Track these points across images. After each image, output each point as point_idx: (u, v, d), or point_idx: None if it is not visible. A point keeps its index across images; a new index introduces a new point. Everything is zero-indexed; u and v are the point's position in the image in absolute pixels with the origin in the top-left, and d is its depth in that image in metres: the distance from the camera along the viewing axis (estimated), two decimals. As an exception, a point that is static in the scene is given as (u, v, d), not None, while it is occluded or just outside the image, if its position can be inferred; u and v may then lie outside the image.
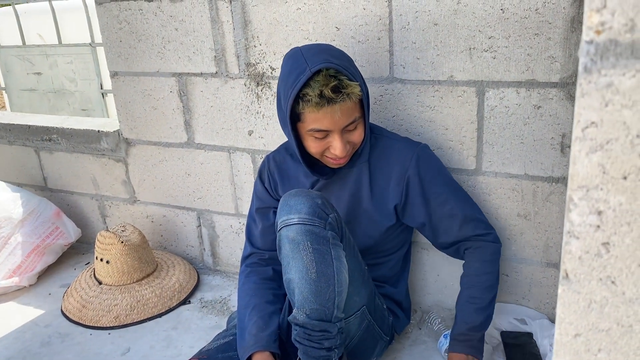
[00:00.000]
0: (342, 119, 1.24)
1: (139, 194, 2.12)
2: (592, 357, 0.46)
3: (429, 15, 1.43)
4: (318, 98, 1.20)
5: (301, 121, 1.26)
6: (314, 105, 1.21)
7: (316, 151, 1.31)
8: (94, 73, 3.15)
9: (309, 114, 1.23)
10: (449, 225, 1.40)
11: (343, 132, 1.27)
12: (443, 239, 1.43)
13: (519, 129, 1.44)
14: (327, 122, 1.24)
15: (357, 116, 1.28)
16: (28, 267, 2.04)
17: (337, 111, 1.22)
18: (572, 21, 1.30)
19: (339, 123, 1.24)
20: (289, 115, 1.25)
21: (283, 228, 1.21)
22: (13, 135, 2.29)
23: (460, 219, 1.39)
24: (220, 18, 1.70)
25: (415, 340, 1.62)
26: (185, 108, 1.88)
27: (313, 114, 1.23)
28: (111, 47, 1.92)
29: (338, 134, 1.26)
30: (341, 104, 1.22)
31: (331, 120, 1.23)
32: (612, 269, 0.43)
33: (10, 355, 1.67)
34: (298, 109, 1.24)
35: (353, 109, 1.26)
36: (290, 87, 1.23)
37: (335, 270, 1.19)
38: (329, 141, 1.28)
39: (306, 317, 1.18)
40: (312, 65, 1.21)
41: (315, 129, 1.25)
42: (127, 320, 1.79)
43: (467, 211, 1.40)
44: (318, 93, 1.19)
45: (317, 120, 1.24)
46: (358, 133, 1.31)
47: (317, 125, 1.25)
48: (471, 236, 1.40)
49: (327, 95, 1.20)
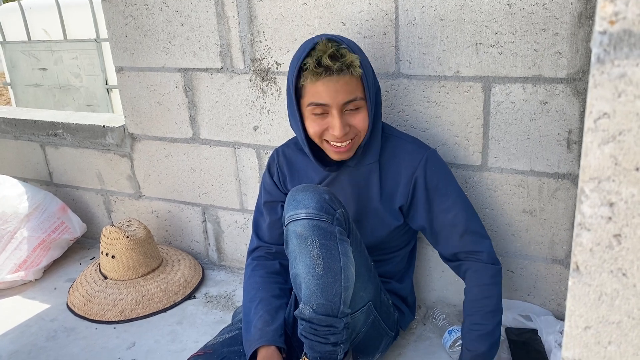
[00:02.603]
0: (342, 94, 1.23)
1: (144, 189, 2.12)
2: (602, 350, 0.46)
3: (435, 10, 1.42)
4: (316, 64, 1.20)
5: (302, 96, 1.27)
6: (312, 73, 1.21)
7: (315, 132, 1.29)
8: (99, 68, 3.16)
9: (309, 85, 1.24)
10: (449, 234, 1.37)
11: (343, 112, 1.26)
12: (444, 247, 1.40)
13: (525, 124, 1.43)
14: (325, 95, 1.23)
15: (359, 96, 1.26)
16: (34, 262, 2.05)
17: (337, 83, 1.22)
18: (580, 16, 1.29)
19: (338, 98, 1.23)
20: (294, 92, 1.27)
21: (290, 223, 1.21)
22: (19, 131, 2.30)
23: (462, 230, 1.36)
24: (225, 13, 1.70)
25: (420, 336, 1.62)
26: (190, 103, 1.88)
27: (313, 86, 1.23)
28: (117, 42, 1.93)
29: (337, 111, 1.25)
30: (340, 76, 1.22)
31: (330, 93, 1.22)
32: (623, 261, 0.42)
33: (16, 349, 1.68)
34: (300, 83, 1.25)
35: (353, 86, 1.24)
36: (295, 61, 1.26)
37: (342, 265, 1.19)
38: (328, 121, 1.27)
39: (312, 311, 1.18)
40: (318, 38, 1.25)
41: (313, 102, 1.25)
42: (132, 315, 1.80)
43: (469, 223, 1.37)
44: (316, 59, 1.20)
45: (316, 92, 1.24)
46: (360, 117, 1.28)
47: (316, 99, 1.24)
48: (471, 251, 1.37)
49: (325, 63, 1.20)
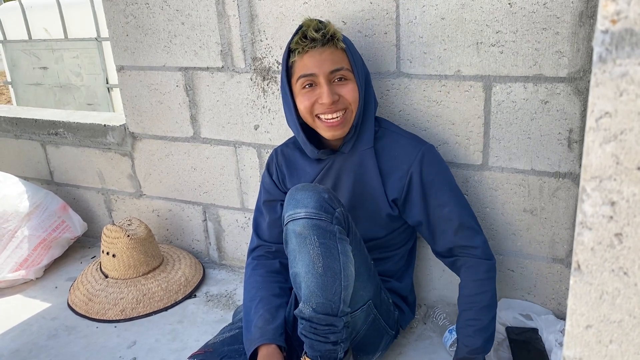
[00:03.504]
0: (328, 63, 1.29)
1: (144, 188, 2.12)
2: (603, 349, 0.46)
3: (436, 9, 1.42)
4: (302, 38, 1.28)
5: (293, 76, 1.33)
6: (298, 46, 1.29)
7: (305, 106, 1.32)
8: (99, 67, 3.16)
9: (298, 62, 1.31)
10: (445, 229, 1.38)
11: (331, 83, 1.31)
12: (440, 243, 1.41)
13: (526, 124, 1.43)
14: (312, 65, 1.29)
15: (344, 67, 1.31)
16: (35, 261, 2.05)
17: (322, 54, 1.28)
18: (581, 15, 1.29)
19: (324, 67, 1.28)
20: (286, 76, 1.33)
21: (290, 222, 1.21)
22: (19, 129, 2.30)
23: (457, 225, 1.37)
24: (226, 12, 1.70)
25: (421, 335, 1.62)
26: (191, 102, 1.88)
27: (301, 61, 1.30)
28: (117, 41, 1.93)
29: (324, 79, 1.29)
30: (325, 47, 1.29)
31: (316, 63, 1.28)
32: (624, 260, 0.42)
33: (17, 347, 1.68)
34: (289, 63, 1.33)
35: (340, 58, 1.31)
36: (286, 46, 1.34)
37: (341, 264, 1.19)
38: (317, 93, 1.30)
39: (312, 311, 1.18)
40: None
41: (302, 74, 1.30)
42: (133, 314, 1.80)
43: (464, 218, 1.37)
44: (302, 34, 1.29)
45: (304, 66, 1.30)
46: (349, 88, 1.32)
47: (303, 71, 1.30)
48: (466, 246, 1.38)
49: (310, 35, 1.27)
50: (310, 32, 1.27)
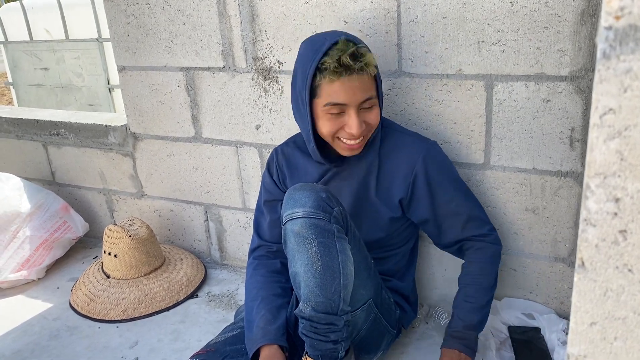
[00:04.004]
0: (360, 93, 1.23)
1: (146, 188, 2.12)
2: (607, 346, 0.45)
3: (438, 8, 1.42)
4: (336, 64, 1.19)
5: (317, 96, 1.25)
6: (331, 73, 1.20)
7: (329, 131, 1.28)
8: (100, 68, 3.16)
9: (326, 85, 1.22)
10: (452, 224, 1.39)
11: (359, 110, 1.26)
12: (446, 237, 1.42)
13: (527, 123, 1.43)
14: (344, 94, 1.22)
15: (373, 94, 1.27)
16: (36, 261, 2.05)
17: (355, 82, 1.22)
18: (582, 14, 1.29)
19: (356, 97, 1.23)
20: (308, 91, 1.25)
21: (288, 222, 1.21)
22: (21, 130, 2.30)
23: (465, 218, 1.38)
24: (227, 12, 1.70)
25: (423, 334, 1.62)
26: (192, 102, 1.88)
27: (330, 86, 1.22)
28: (119, 41, 1.93)
29: (354, 110, 1.25)
30: (359, 75, 1.22)
31: (348, 92, 1.22)
32: (629, 256, 0.42)
33: (19, 348, 1.68)
34: (315, 83, 1.24)
35: (370, 85, 1.25)
36: (309, 60, 1.23)
37: (340, 263, 1.19)
38: (344, 120, 1.26)
39: (312, 310, 1.18)
40: (332, 38, 1.23)
41: (331, 102, 1.24)
42: (135, 314, 1.80)
43: (472, 211, 1.39)
44: (336, 59, 1.19)
45: (334, 92, 1.23)
46: (374, 114, 1.29)
47: (333, 99, 1.23)
48: (473, 236, 1.40)
49: (345, 62, 1.19)
50: (345, 59, 1.19)
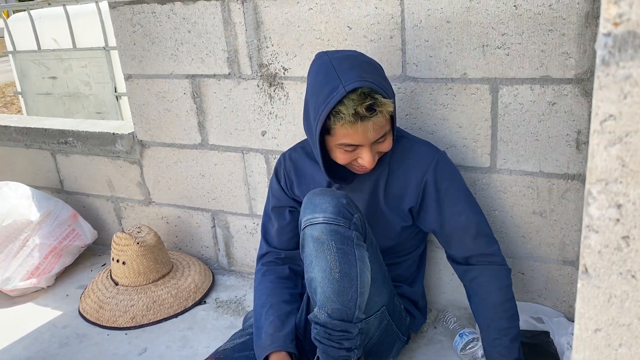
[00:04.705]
0: (374, 134, 1.23)
1: (153, 195, 2.14)
2: (612, 353, 0.45)
3: (441, 12, 1.42)
4: (352, 117, 1.18)
5: (330, 135, 1.25)
6: (346, 122, 1.19)
7: (342, 161, 1.30)
8: (108, 76, 3.18)
9: (340, 129, 1.21)
10: (462, 237, 1.37)
11: (373, 145, 1.27)
12: (457, 250, 1.39)
13: (533, 125, 1.43)
14: (358, 137, 1.22)
15: (387, 129, 1.27)
16: (46, 269, 2.06)
17: (370, 128, 1.21)
18: (587, 16, 1.28)
19: (370, 138, 1.23)
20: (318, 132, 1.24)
21: (307, 227, 1.20)
22: (30, 139, 2.32)
23: (474, 233, 1.36)
24: (232, 19, 1.71)
25: (431, 339, 1.61)
26: (198, 109, 1.89)
27: (344, 130, 1.21)
28: (125, 50, 1.94)
29: (368, 147, 1.26)
30: (374, 120, 1.21)
31: (363, 136, 1.22)
32: (632, 262, 0.42)
33: (30, 355, 1.69)
34: (329, 124, 1.22)
35: (384, 124, 1.24)
36: (322, 103, 1.21)
37: (358, 270, 1.18)
38: (358, 153, 1.27)
39: (327, 316, 1.17)
40: (346, 82, 1.18)
41: (345, 143, 1.24)
42: (143, 321, 1.81)
43: (481, 226, 1.37)
44: (352, 112, 1.17)
45: (348, 135, 1.22)
46: (387, 143, 1.30)
47: (348, 140, 1.23)
48: (484, 254, 1.37)
49: (361, 114, 1.18)
50: (362, 111, 1.18)
